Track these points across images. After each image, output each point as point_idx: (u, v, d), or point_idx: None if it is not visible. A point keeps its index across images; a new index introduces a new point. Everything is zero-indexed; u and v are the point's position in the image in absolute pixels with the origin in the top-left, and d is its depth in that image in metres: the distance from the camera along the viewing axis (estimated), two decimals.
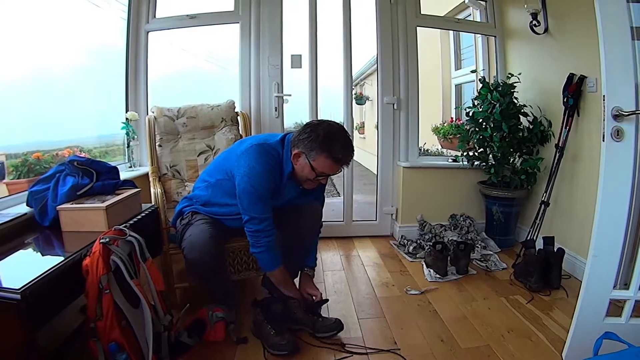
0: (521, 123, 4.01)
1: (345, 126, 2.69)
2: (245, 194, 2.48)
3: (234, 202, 2.58)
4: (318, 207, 2.94)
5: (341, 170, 2.65)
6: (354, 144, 2.58)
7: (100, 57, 3.99)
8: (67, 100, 3.47)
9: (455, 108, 6.27)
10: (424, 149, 4.87)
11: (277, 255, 2.65)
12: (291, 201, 2.80)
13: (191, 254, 2.47)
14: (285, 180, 2.61)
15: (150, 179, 3.39)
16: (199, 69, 4.86)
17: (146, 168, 3.75)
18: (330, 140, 2.44)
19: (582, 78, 3.38)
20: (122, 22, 4.05)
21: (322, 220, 3.01)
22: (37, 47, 3.02)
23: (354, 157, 2.60)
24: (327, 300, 2.97)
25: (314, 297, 2.88)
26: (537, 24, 3.89)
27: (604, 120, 2.10)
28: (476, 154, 4.24)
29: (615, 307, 2.31)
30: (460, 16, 5.38)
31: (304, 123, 2.61)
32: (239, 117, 3.82)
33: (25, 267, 1.92)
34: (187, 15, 4.18)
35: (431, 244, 3.90)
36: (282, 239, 2.71)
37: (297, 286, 2.92)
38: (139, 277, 2.05)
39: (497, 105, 3.89)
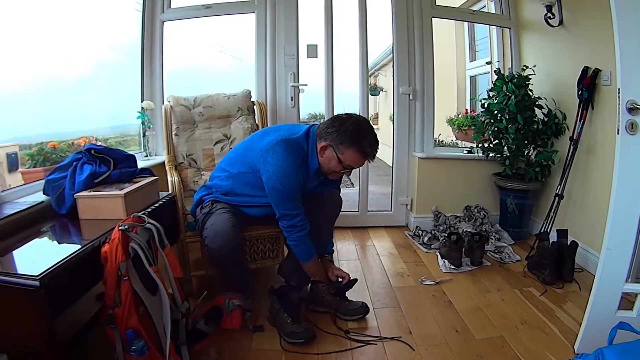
0: (536, 115, 3.99)
1: None
2: (275, 193, 2.54)
3: (257, 193, 2.64)
4: (339, 197, 2.98)
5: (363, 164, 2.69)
6: None
7: (113, 48, 4.01)
8: (81, 92, 3.50)
9: (470, 99, 6.26)
10: (438, 140, 4.87)
11: (311, 247, 2.72)
12: (312, 190, 2.81)
13: (213, 243, 2.50)
14: (312, 175, 2.66)
15: (167, 167, 3.41)
16: (214, 59, 4.86)
17: (162, 157, 3.77)
18: (359, 135, 2.50)
19: (597, 71, 3.36)
20: (136, 14, 4.07)
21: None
22: (50, 40, 3.04)
23: None
24: (356, 280, 2.99)
25: (340, 279, 2.94)
26: (551, 17, 3.86)
27: (618, 113, 2.10)
28: (491, 145, 4.23)
29: (626, 302, 2.32)
30: (475, 7, 5.36)
31: (324, 115, 2.64)
32: (255, 107, 3.83)
33: (43, 254, 1.95)
34: (203, 5, 4.20)
35: (446, 235, 3.91)
36: None
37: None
38: (157, 264, 2.06)
39: (513, 97, 3.87)
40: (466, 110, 5.85)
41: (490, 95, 4.14)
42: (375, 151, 2.59)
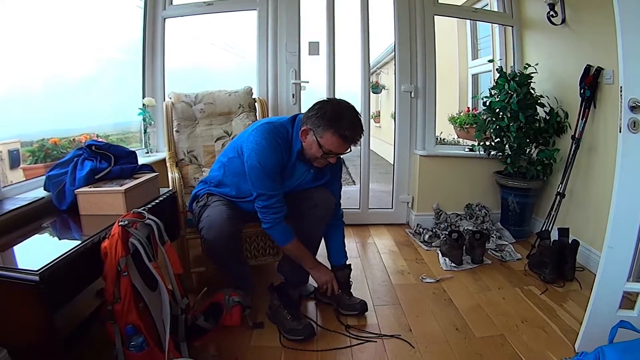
0: (538, 114, 3.98)
1: (362, 115, 2.65)
2: (253, 170, 2.49)
3: (243, 181, 2.61)
4: (330, 199, 2.82)
5: (349, 150, 2.61)
6: (370, 133, 2.55)
7: (115, 46, 4.02)
8: (83, 89, 3.52)
9: (472, 98, 6.25)
10: (440, 138, 4.87)
11: (287, 230, 2.64)
12: (303, 185, 2.77)
13: (209, 234, 2.49)
14: (295, 159, 2.60)
15: (168, 164, 3.41)
16: (215, 56, 4.85)
17: (163, 154, 3.78)
18: (338, 117, 2.43)
19: (599, 70, 3.35)
20: (138, 11, 4.09)
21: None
22: (52, 38, 3.04)
23: (371, 147, 2.56)
24: (349, 265, 3.03)
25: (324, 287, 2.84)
26: (554, 15, 3.85)
27: (620, 111, 2.08)
28: (492, 143, 4.22)
29: (627, 301, 2.32)
30: (478, 6, 5.34)
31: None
32: (256, 104, 3.84)
33: (44, 249, 1.95)
34: (204, 2, 4.20)
35: (447, 232, 3.92)
36: (295, 231, 2.71)
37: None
38: (157, 260, 2.06)
39: (514, 95, 3.87)
40: (468, 108, 5.82)
41: (492, 93, 4.14)
42: (357, 135, 2.49)
